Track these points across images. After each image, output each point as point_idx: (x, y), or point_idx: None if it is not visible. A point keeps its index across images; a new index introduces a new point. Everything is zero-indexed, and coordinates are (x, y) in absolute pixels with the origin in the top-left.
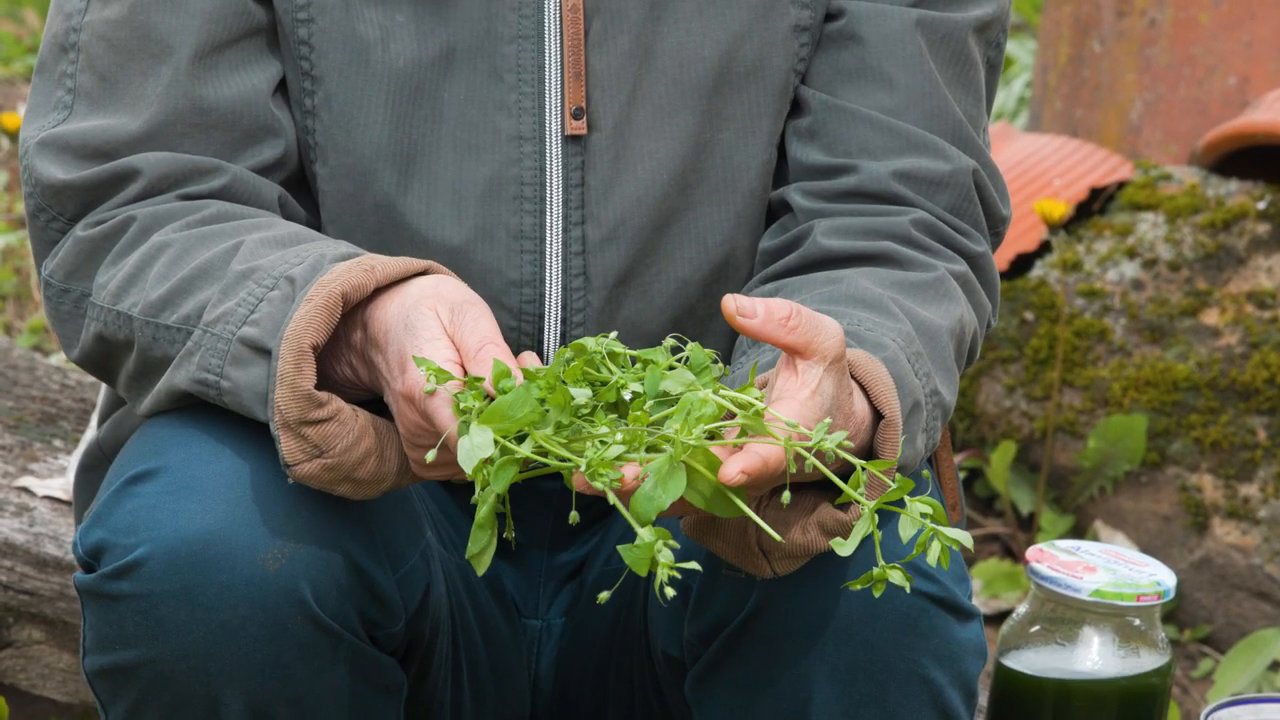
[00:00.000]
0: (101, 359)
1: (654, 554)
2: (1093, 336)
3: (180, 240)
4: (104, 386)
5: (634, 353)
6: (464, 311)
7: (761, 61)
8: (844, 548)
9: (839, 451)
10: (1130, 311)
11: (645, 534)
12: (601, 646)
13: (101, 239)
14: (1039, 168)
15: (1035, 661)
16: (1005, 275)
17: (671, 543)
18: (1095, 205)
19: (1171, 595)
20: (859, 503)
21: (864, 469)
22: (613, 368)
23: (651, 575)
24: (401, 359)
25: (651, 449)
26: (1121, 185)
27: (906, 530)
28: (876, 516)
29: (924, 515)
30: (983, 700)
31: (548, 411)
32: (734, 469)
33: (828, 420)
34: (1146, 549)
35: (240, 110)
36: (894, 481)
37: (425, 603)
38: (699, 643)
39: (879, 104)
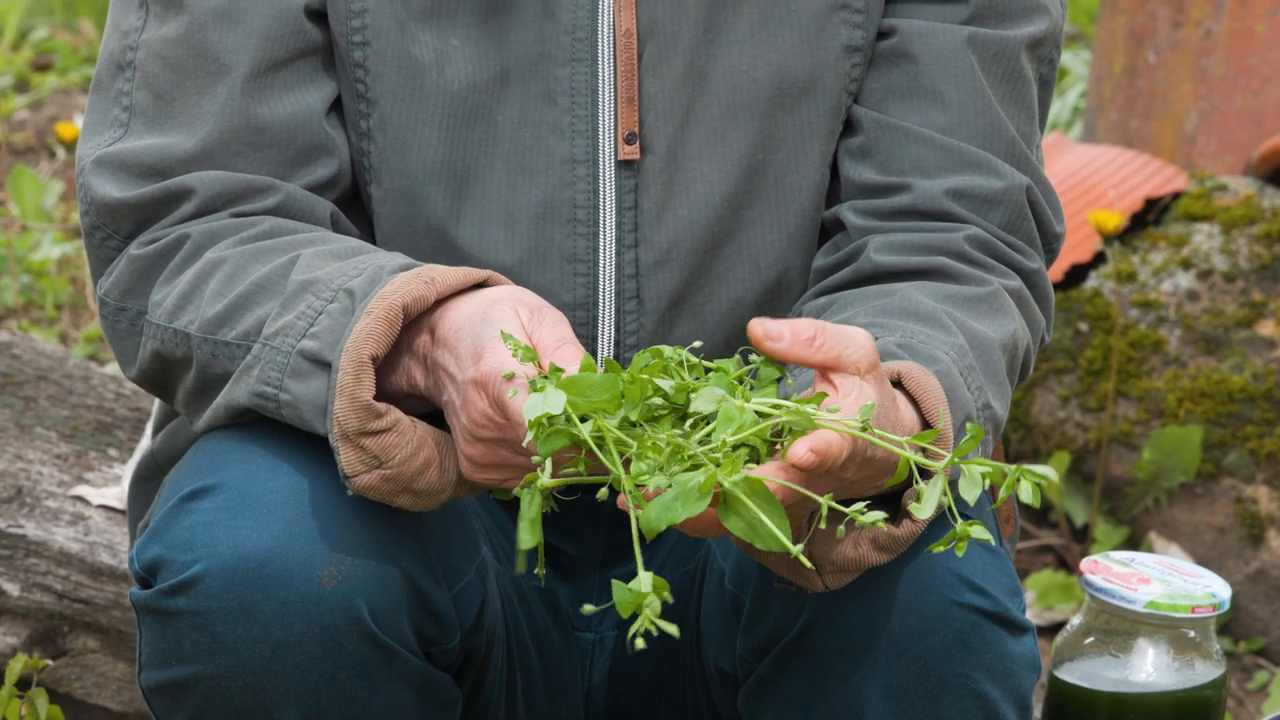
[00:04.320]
0: (159, 376)
1: (642, 602)
2: (1147, 347)
3: (235, 256)
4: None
5: (708, 364)
6: (543, 314)
7: (814, 82)
8: (920, 510)
9: (890, 447)
10: (1185, 322)
11: (644, 580)
12: (654, 660)
13: (156, 257)
14: (1093, 178)
15: (1090, 673)
16: (1059, 286)
17: (665, 595)
18: (1150, 216)
19: (1226, 607)
20: (934, 468)
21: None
22: (685, 376)
23: (704, 588)
24: (477, 349)
25: (697, 467)
26: (1176, 196)
27: (971, 491)
28: (946, 478)
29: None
30: (1036, 712)
31: (622, 401)
32: (802, 448)
33: (870, 404)
34: (1201, 560)
35: (295, 129)
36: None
37: (480, 618)
38: (751, 658)
39: (931, 122)
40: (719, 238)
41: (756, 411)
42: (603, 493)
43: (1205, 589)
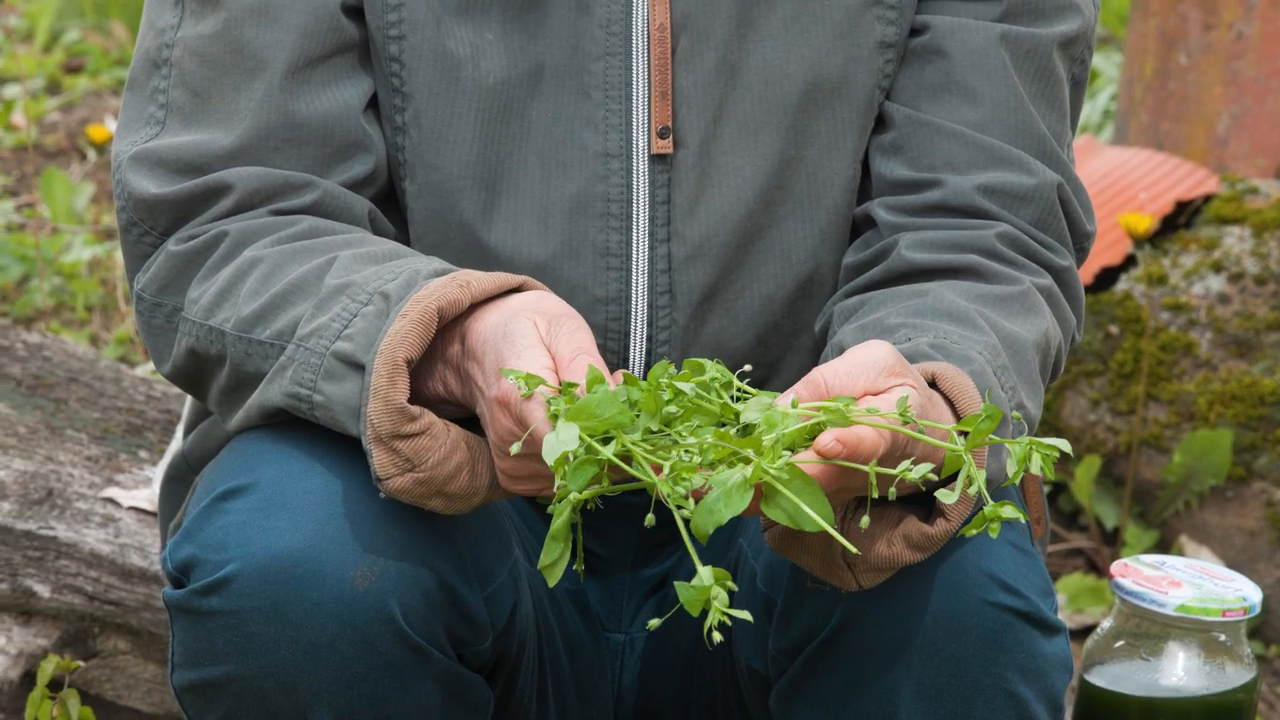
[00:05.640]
0: (193, 373)
1: (709, 596)
2: (1178, 350)
3: (273, 255)
4: (189, 399)
5: (749, 389)
6: (561, 323)
7: (847, 78)
8: (950, 498)
9: (933, 441)
10: (1216, 325)
11: (704, 575)
12: (684, 661)
13: (194, 254)
14: (1124, 181)
15: (1120, 677)
16: (1090, 289)
17: (729, 585)
18: (1181, 219)
19: (1258, 611)
20: (957, 450)
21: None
22: (722, 395)
23: (733, 595)
24: (499, 365)
25: (739, 462)
26: (1207, 199)
27: (995, 466)
28: (972, 458)
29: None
30: (1067, 716)
31: (638, 416)
32: (829, 437)
33: (905, 394)
34: (1232, 564)
35: (332, 125)
36: (988, 503)
37: (513, 620)
38: (783, 657)
39: (963, 118)
40: (751, 233)
41: (800, 415)
42: (650, 519)
43: (1236, 592)
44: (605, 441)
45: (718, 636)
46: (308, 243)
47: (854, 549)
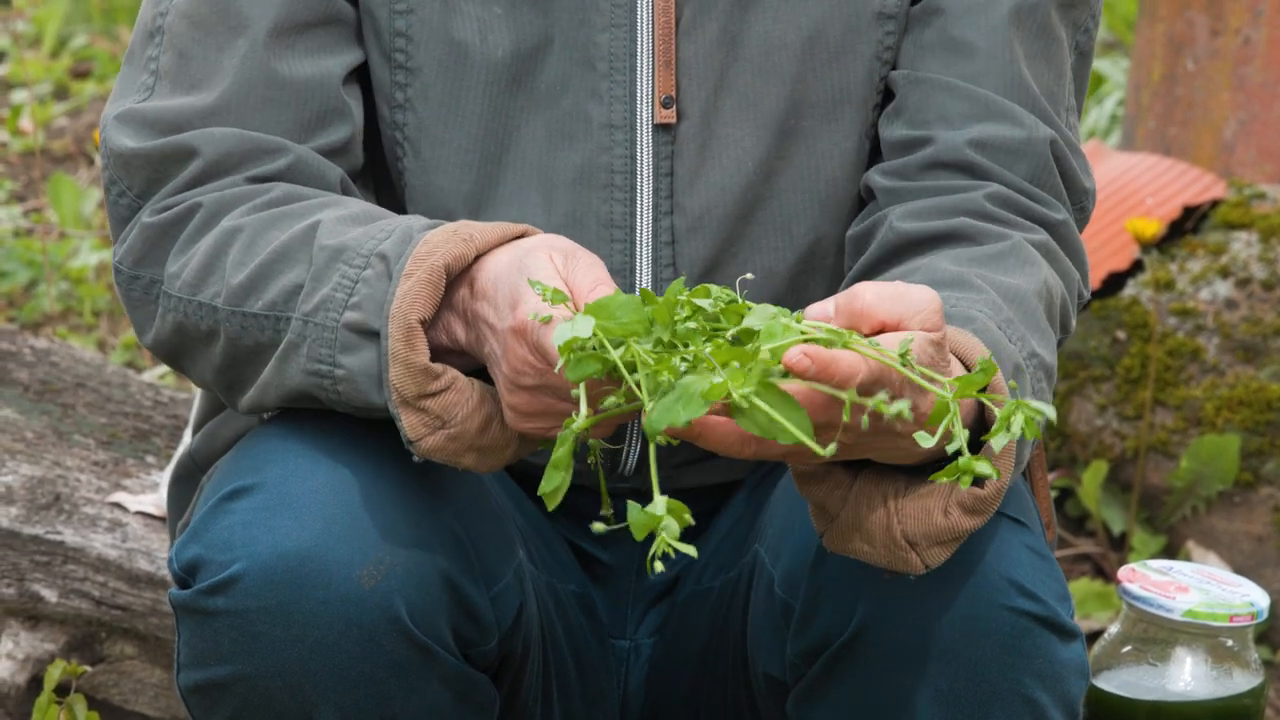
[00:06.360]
0: (177, 348)
1: (659, 524)
2: (1185, 356)
3: (251, 224)
4: (197, 398)
5: (753, 305)
6: (577, 257)
7: (845, 47)
8: (928, 441)
9: (926, 385)
10: (1223, 331)
11: (659, 504)
12: (693, 667)
13: (168, 225)
14: (1131, 186)
15: (1127, 682)
16: (1097, 294)
17: (687, 519)
18: (1188, 224)
19: (1265, 616)
20: (944, 396)
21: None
22: (739, 310)
23: (749, 601)
24: (514, 297)
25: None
26: (1215, 204)
27: (999, 439)
28: (957, 406)
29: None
30: None
31: (652, 325)
32: (798, 352)
33: (911, 335)
34: (1239, 569)
35: (313, 89)
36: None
37: (518, 621)
38: (801, 663)
39: (958, 71)
40: (750, 204)
41: (802, 331)
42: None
43: (1243, 598)
44: (617, 347)
45: (659, 566)
46: (285, 208)
47: (824, 453)
